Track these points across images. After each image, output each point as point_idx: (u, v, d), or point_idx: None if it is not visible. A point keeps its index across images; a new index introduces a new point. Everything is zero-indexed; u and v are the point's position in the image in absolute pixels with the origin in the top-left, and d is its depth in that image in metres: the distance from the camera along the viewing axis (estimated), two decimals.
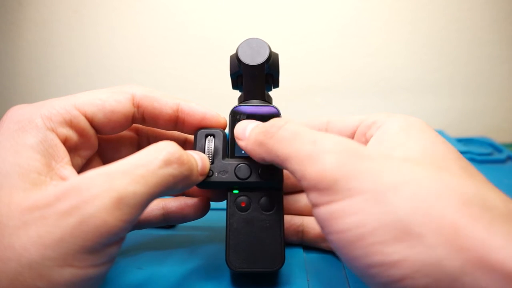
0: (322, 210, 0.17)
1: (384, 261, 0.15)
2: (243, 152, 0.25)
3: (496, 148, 0.50)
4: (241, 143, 0.23)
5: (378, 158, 0.17)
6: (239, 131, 0.23)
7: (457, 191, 0.16)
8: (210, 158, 0.24)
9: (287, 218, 0.27)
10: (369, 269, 0.16)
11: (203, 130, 0.25)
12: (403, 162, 0.17)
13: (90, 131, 0.23)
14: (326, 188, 0.17)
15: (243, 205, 0.24)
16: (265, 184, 0.24)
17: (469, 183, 0.16)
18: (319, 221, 0.18)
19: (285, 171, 0.27)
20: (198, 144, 0.25)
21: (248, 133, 0.23)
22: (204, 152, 0.24)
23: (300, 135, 0.19)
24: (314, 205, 0.18)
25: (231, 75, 0.28)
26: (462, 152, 0.45)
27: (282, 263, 0.23)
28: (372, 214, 0.16)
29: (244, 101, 0.27)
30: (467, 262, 0.14)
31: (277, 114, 0.26)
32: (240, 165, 0.24)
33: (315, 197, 0.18)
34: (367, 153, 0.18)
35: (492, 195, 0.16)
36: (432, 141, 0.19)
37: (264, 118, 0.26)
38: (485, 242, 0.14)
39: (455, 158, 0.19)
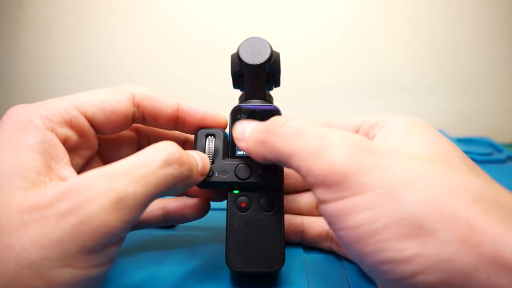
0: (331, 207, 0.17)
1: (397, 257, 0.15)
2: (243, 152, 0.25)
3: (496, 148, 0.50)
4: (240, 144, 0.22)
5: (388, 153, 0.17)
6: (238, 132, 0.23)
7: (469, 188, 0.15)
8: (211, 158, 0.24)
9: (287, 218, 0.27)
10: (381, 265, 0.15)
11: (203, 130, 0.25)
12: (412, 158, 0.17)
13: (90, 131, 0.23)
14: (335, 184, 0.16)
15: (243, 205, 0.24)
16: (266, 184, 0.24)
17: (479, 181, 0.16)
18: (327, 218, 0.17)
19: (286, 170, 0.26)
20: (199, 144, 0.25)
21: (248, 133, 0.22)
22: (204, 152, 0.24)
23: (304, 130, 0.19)
24: (322, 202, 0.17)
25: (232, 74, 0.28)
26: None
27: (282, 264, 0.23)
28: (384, 210, 0.15)
29: (245, 100, 0.27)
30: (481, 258, 0.14)
31: (278, 114, 0.26)
32: (241, 165, 0.24)
33: (323, 193, 0.17)
34: (376, 147, 0.17)
35: (502, 192, 0.16)
36: (437, 140, 0.19)
37: (264, 117, 0.26)
38: (499, 238, 0.14)
39: (461, 157, 0.19)
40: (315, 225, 0.28)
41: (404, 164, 0.16)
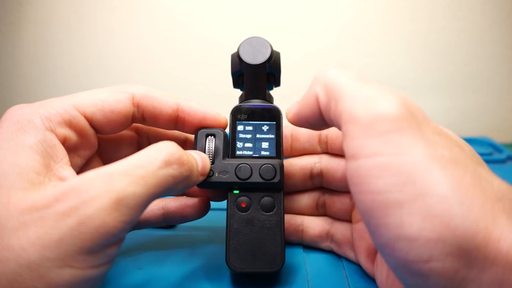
0: (363, 163, 0.15)
1: (417, 236, 0.14)
2: (244, 152, 0.25)
3: (496, 148, 0.50)
4: (290, 114, 0.22)
5: (434, 129, 0.16)
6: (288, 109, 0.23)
7: (493, 185, 0.15)
8: (211, 158, 0.24)
9: (287, 218, 0.27)
10: (398, 241, 0.14)
11: (203, 129, 0.25)
12: (452, 142, 0.17)
13: (90, 131, 0.23)
14: (380, 134, 0.15)
15: (243, 206, 0.24)
16: (266, 185, 0.24)
17: (498, 180, 0.16)
18: (354, 177, 0.16)
19: (285, 170, 0.26)
20: (199, 144, 0.25)
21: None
22: (204, 152, 0.24)
23: (364, 79, 0.18)
24: (353, 156, 0.16)
25: (232, 74, 0.28)
26: None
27: (282, 264, 0.23)
28: (417, 181, 0.14)
29: (245, 100, 0.27)
30: (500, 254, 0.14)
31: (278, 113, 0.26)
32: (241, 165, 0.24)
33: (361, 143, 0.16)
34: (425, 119, 0.17)
35: None
36: (452, 137, 0.19)
37: (265, 117, 0.26)
38: None
39: (476, 155, 0.18)
40: (315, 225, 0.28)
41: (445, 145, 0.16)
